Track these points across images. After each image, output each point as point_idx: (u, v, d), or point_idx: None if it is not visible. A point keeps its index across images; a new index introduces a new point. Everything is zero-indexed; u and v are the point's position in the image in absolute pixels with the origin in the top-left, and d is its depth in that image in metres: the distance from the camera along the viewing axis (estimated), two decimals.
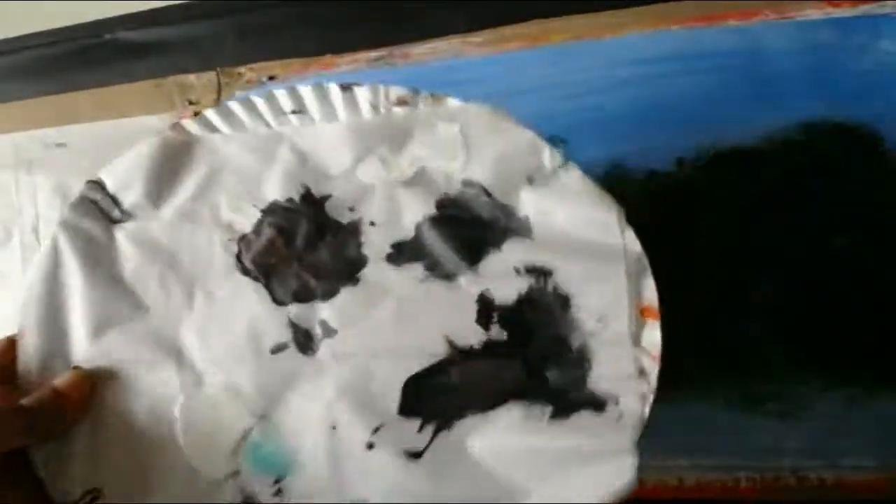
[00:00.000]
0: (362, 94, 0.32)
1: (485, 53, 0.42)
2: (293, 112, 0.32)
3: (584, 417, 0.27)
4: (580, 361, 0.28)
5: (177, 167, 0.33)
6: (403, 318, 0.29)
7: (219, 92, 0.46)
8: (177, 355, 0.30)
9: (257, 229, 0.32)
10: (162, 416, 0.30)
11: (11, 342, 0.30)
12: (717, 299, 0.37)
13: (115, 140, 0.48)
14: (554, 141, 0.39)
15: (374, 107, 0.32)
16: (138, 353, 0.30)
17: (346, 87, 0.32)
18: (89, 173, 0.48)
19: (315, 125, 0.32)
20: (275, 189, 0.32)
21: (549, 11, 0.40)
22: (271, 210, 0.32)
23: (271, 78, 0.45)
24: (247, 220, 0.32)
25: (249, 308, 0.30)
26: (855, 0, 0.36)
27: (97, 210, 0.32)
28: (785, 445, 0.36)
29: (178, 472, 0.29)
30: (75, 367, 0.30)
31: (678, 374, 0.37)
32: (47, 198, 0.49)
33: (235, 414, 0.29)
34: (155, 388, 0.30)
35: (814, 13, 0.37)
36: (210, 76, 0.47)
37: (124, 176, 0.33)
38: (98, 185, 0.33)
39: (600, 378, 0.27)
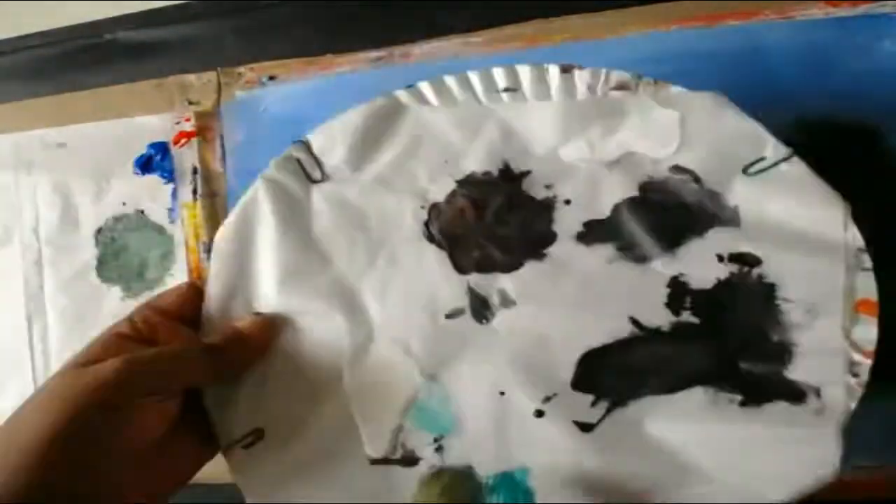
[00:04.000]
0: (581, 76, 0.32)
1: (485, 53, 0.42)
2: (506, 90, 0.33)
3: (780, 407, 0.26)
4: (780, 352, 0.27)
5: (381, 134, 0.33)
6: (587, 296, 0.29)
7: (219, 92, 0.46)
8: (352, 309, 0.31)
9: (449, 199, 0.32)
10: (329, 366, 0.31)
11: (198, 289, 0.32)
12: None
13: (115, 140, 0.48)
14: None
15: (592, 89, 0.31)
16: (317, 304, 0.31)
17: (566, 69, 0.32)
18: (89, 173, 0.49)
19: (526, 104, 0.32)
20: (474, 162, 0.32)
21: (549, 11, 0.40)
22: (466, 181, 0.32)
23: (271, 78, 0.45)
24: (441, 189, 0.32)
25: (430, 273, 0.31)
26: (855, 0, 0.36)
27: (300, 169, 0.33)
28: None
29: (339, 421, 0.30)
30: (257, 313, 0.31)
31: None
32: (47, 198, 0.49)
33: (405, 372, 0.30)
34: (325, 337, 0.31)
35: (814, 13, 0.37)
36: (210, 76, 0.47)
37: (330, 139, 0.33)
38: (305, 145, 0.34)
39: (803, 369, 0.27)
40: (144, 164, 0.47)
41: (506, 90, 0.33)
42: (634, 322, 0.29)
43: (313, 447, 0.29)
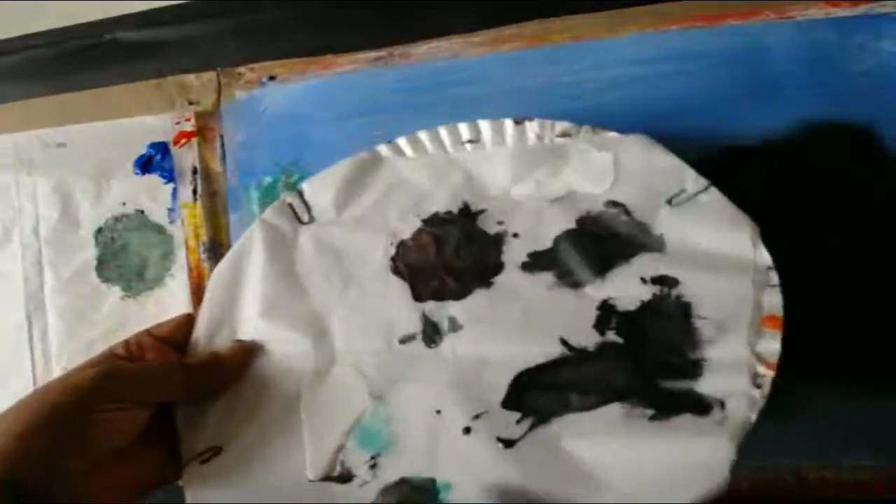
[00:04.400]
0: (531, 126, 0.36)
1: (485, 53, 0.42)
2: (469, 142, 0.37)
3: (686, 420, 0.28)
4: (693, 368, 0.29)
5: (363, 182, 0.38)
6: (527, 320, 0.32)
7: (219, 92, 0.46)
8: (320, 336, 0.34)
9: (415, 236, 0.36)
10: (291, 389, 0.33)
11: (190, 318, 0.36)
12: None
13: (115, 140, 0.48)
14: None
15: (540, 137, 0.35)
16: (291, 333, 0.34)
17: (518, 121, 0.36)
18: (89, 173, 0.49)
19: (485, 151, 0.36)
20: (438, 203, 0.36)
21: (549, 11, 0.40)
22: (431, 221, 0.36)
23: (271, 78, 0.45)
24: (408, 228, 0.36)
25: (391, 302, 0.34)
26: (855, 0, 0.36)
27: (291, 212, 0.38)
28: (785, 445, 0.36)
29: (290, 442, 0.32)
30: (237, 340, 0.35)
31: None
32: (47, 198, 0.49)
33: (357, 394, 0.32)
34: (292, 363, 0.34)
35: (814, 13, 0.37)
36: (210, 76, 0.47)
37: (320, 187, 0.38)
38: (298, 192, 0.38)
39: (710, 384, 0.28)
40: (144, 164, 0.47)
41: (469, 142, 0.37)
42: (564, 343, 0.31)
43: (262, 465, 0.31)
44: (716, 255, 0.30)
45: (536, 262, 0.33)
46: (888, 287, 0.35)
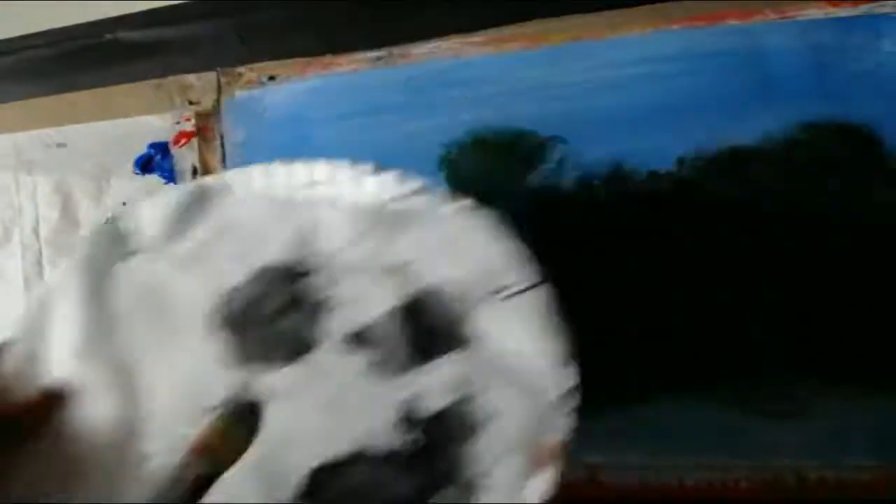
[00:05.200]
0: (385, 179, 0.33)
1: (485, 53, 0.42)
2: (313, 184, 0.34)
3: None
4: (468, 489, 0.28)
5: (192, 218, 0.35)
6: (333, 408, 0.31)
7: (219, 92, 0.46)
8: (127, 388, 0.32)
9: (240, 289, 0.33)
10: (92, 445, 0.31)
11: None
12: (717, 298, 0.37)
13: (115, 140, 0.48)
14: (554, 141, 0.40)
15: (388, 194, 0.33)
16: (99, 380, 0.32)
17: (376, 170, 0.33)
18: (89, 173, 0.48)
19: (324, 202, 0.34)
20: (270, 255, 0.33)
21: (549, 11, 0.40)
22: (260, 275, 0.33)
23: (271, 78, 0.45)
24: (235, 279, 0.33)
25: (206, 362, 0.32)
26: (855, 0, 0.36)
27: (111, 243, 0.34)
28: (785, 445, 0.36)
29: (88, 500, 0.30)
30: (43, 388, 0.31)
31: (679, 374, 0.37)
32: (47, 198, 0.49)
33: (157, 462, 0.30)
34: (99, 413, 0.31)
35: (814, 13, 0.37)
36: (210, 76, 0.47)
37: (147, 216, 0.34)
38: (121, 220, 0.35)
39: None
40: (144, 164, 0.47)
41: (313, 184, 0.34)
42: (362, 442, 0.30)
43: None
44: (524, 368, 0.29)
45: (354, 341, 0.32)
46: (888, 287, 0.35)
